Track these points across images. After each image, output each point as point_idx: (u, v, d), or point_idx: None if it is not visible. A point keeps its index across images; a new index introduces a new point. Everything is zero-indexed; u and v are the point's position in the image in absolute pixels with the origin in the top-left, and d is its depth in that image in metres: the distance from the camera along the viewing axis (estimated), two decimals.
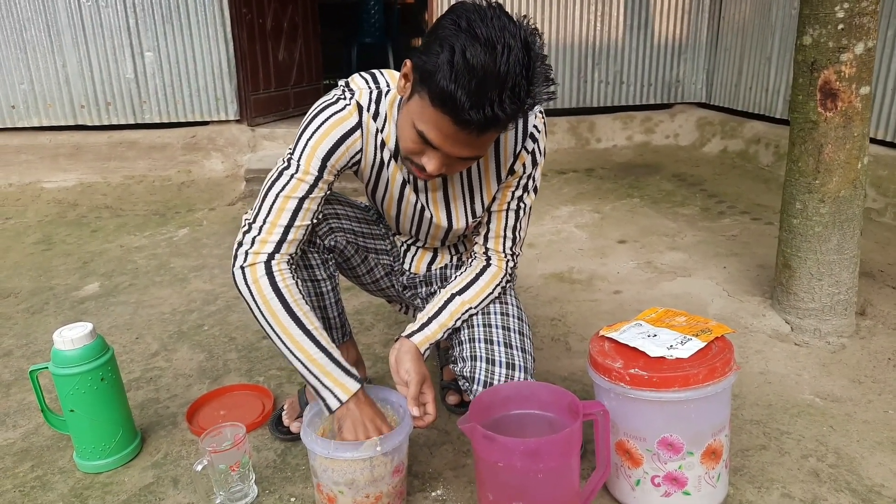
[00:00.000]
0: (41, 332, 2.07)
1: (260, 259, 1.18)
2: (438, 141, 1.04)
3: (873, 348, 1.82)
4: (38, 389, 1.40)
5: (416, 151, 1.09)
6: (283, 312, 1.17)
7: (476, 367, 1.30)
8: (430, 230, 1.40)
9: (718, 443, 1.16)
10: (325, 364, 1.17)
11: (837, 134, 1.76)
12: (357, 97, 1.22)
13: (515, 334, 1.35)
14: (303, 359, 1.17)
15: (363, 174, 1.30)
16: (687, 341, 1.16)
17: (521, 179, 1.30)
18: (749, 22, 4.13)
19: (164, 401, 1.67)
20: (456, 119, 0.98)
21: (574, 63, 4.47)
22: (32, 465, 1.43)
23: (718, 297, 2.18)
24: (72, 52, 3.84)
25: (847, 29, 1.68)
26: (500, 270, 1.37)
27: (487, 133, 1.02)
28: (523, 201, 1.34)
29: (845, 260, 1.85)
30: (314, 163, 1.19)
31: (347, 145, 1.21)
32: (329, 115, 1.20)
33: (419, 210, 1.35)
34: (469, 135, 1.01)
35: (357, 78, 1.25)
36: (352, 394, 1.17)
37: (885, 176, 3.02)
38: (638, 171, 4.01)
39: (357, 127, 1.21)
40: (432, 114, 1.00)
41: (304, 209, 1.20)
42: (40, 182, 3.77)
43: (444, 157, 1.07)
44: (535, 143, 1.27)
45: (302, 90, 4.59)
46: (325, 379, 1.17)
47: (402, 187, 1.31)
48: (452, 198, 1.32)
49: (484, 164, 1.28)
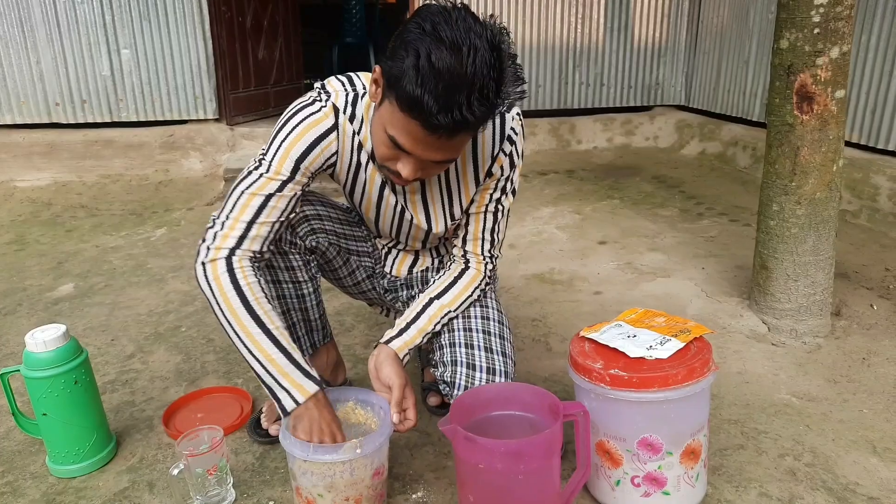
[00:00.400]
0: (13, 333, 2.02)
1: (221, 255, 1.15)
2: (410, 146, 1.03)
3: (848, 348, 1.85)
4: (9, 393, 1.37)
5: (389, 157, 1.09)
6: (243, 309, 1.14)
7: (456, 372, 1.30)
8: (411, 231, 1.40)
9: (697, 443, 1.17)
10: (284, 365, 1.14)
11: (813, 137, 1.79)
12: (333, 99, 1.20)
13: (496, 338, 1.35)
14: (261, 358, 1.14)
15: (339, 177, 1.29)
16: (666, 342, 1.17)
17: (500, 182, 1.30)
18: (727, 26, 4.18)
19: (139, 404, 1.64)
20: (425, 124, 0.97)
21: (555, 65, 4.49)
22: (3, 471, 1.39)
23: (697, 297, 2.20)
24: (46, 49, 3.76)
25: (823, 33, 1.71)
26: (479, 273, 1.36)
27: (458, 136, 1.01)
28: (501, 203, 1.33)
29: (821, 261, 1.88)
30: (287, 164, 1.17)
31: (322, 147, 1.20)
32: (304, 117, 1.19)
33: (399, 211, 1.34)
34: (440, 139, 1.00)
35: (333, 80, 1.24)
36: (310, 395, 1.14)
37: (860, 178, 3.07)
38: (618, 172, 4.04)
39: (333, 129, 1.20)
40: (402, 119, 1.00)
41: (271, 206, 1.18)
42: (13, 181, 3.69)
43: (417, 161, 1.06)
44: (512, 146, 1.26)
45: (282, 89, 4.55)
46: (283, 380, 1.14)
47: (382, 188, 1.30)
48: (431, 201, 1.32)
49: (462, 167, 1.27)
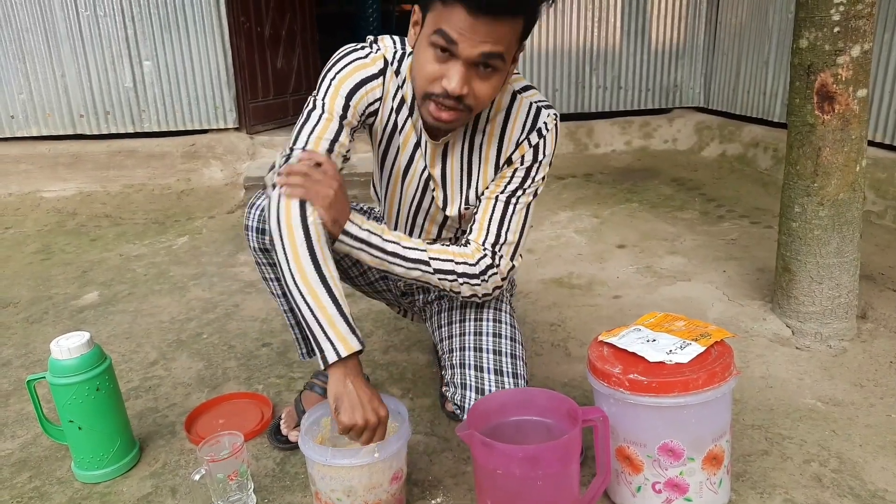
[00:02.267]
0: (40, 341, 2.06)
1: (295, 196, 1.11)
2: (456, 35, 1.03)
3: (875, 352, 1.81)
4: (35, 399, 1.40)
5: (435, 76, 1.08)
6: (305, 248, 1.08)
7: (465, 397, 1.30)
8: (430, 211, 1.36)
9: (719, 448, 1.15)
10: (334, 315, 1.08)
11: (835, 137, 1.76)
12: (383, 51, 1.24)
13: (507, 357, 1.32)
14: (311, 302, 1.08)
15: (376, 129, 1.29)
16: (686, 346, 1.16)
17: (518, 171, 1.26)
18: (746, 26, 4.14)
19: (162, 410, 1.66)
20: (469, 4, 0.99)
21: (572, 68, 4.48)
22: (30, 476, 1.42)
23: (718, 301, 2.17)
24: (70, 62, 3.85)
25: (843, 32, 1.68)
26: (472, 257, 1.25)
27: (502, 19, 1.02)
28: (516, 197, 1.26)
29: (845, 263, 1.85)
30: (338, 101, 1.19)
31: (368, 89, 1.22)
32: (354, 59, 1.23)
33: (424, 180, 1.31)
34: (485, 21, 1.01)
35: (386, 37, 1.28)
36: (353, 351, 1.08)
37: (885, 178, 3.01)
38: (636, 175, 4.01)
39: (380, 74, 1.23)
40: (446, 13, 1.02)
41: (335, 154, 1.18)
42: (39, 191, 3.77)
43: (464, 68, 1.06)
44: (540, 139, 1.24)
45: (301, 97, 4.60)
46: (330, 329, 1.07)
47: (412, 155, 1.29)
48: (451, 177, 1.31)
49: (486, 147, 1.27)
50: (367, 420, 1.08)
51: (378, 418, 1.10)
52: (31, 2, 3.73)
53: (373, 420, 1.09)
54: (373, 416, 1.09)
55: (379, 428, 1.11)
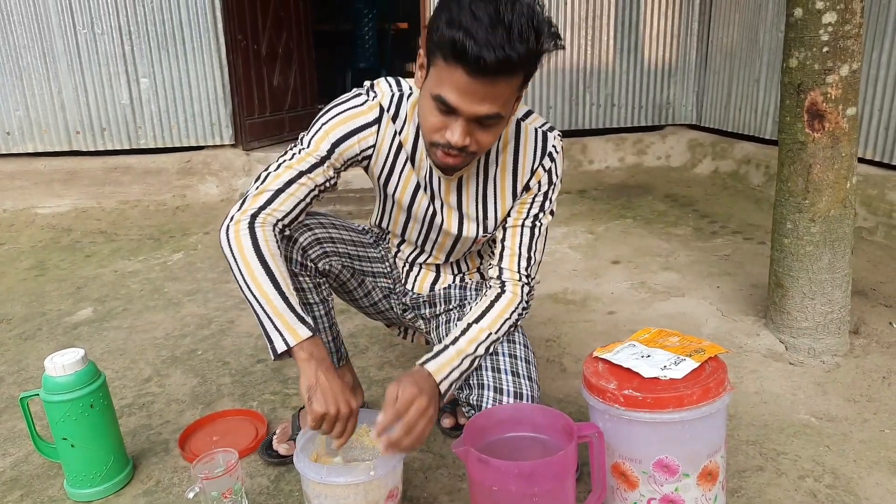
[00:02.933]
0: (33, 358, 2.05)
1: (245, 216, 1.19)
2: (456, 99, 1.04)
3: (868, 367, 1.82)
4: (28, 417, 1.39)
5: (438, 127, 1.10)
6: (252, 252, 1.15)
7: (483, 396, 1.30)
8: (438, 238, 1.40)
9: (714, 464, 1.16)
10: (279, 306, 1.14)
11: (825, 154, 1.78)
12: (380, 98, 1.26)
13: (522, 362, 1.34)
14: (259, 297, 1.14)
15: (373, 171, 1.32)
16: (680, 362, 1.16)
17: (537, 197, 1.32)
18: (737, 45, 4.19)
19: (156, 427, 1.65)
20: (468, 66, 1.00)
21: (566, 86, 4.52)
22: (22, 495, 1.41)
23: (712, 316, 2.18)
24: (67, 79, 3.86)
25: (832, 52, 1.71)
26: (516, 297, 1.33)
27: (501, 81, 1.03)
28: (539, 220, 1.34)
29: (837, 279, 1.87)
30: (324, 144, 1.22)
31: (360, 137, 1.25)
32: (348, 108, 1.25)
33: (430, 215, 1.35)
34: (484, 83, 1.02)
35: (382, 82, 1.29)
36: (301, 340, 1.12)
37: (875, 195, 3.04)
38: (630, 191, 4.04)
39: (374, 123, 1.25)
40: (445, 72, 1.03)
41: (300, 183, 1.21)
42: (34, 208, 3.77)
43: (466, 123, 1.08)
44: (552, 163, 1.30)
45: (297, 114, 4.63)
46: (277, 320, 1.13)
47: (415, 193, 1.32)
48: (466, 205, 1.33)
49: (500, 177, 1.30)
50: (339, 409, 1.10)
51: (350, 409, 1.12)
52: (29, 19, 3.76)
53: (344, 410, 1.11)
54: (344, 407, 1.11)
55: (350, 419, 1.13)
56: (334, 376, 1.13)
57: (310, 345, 1.13)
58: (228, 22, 3.94)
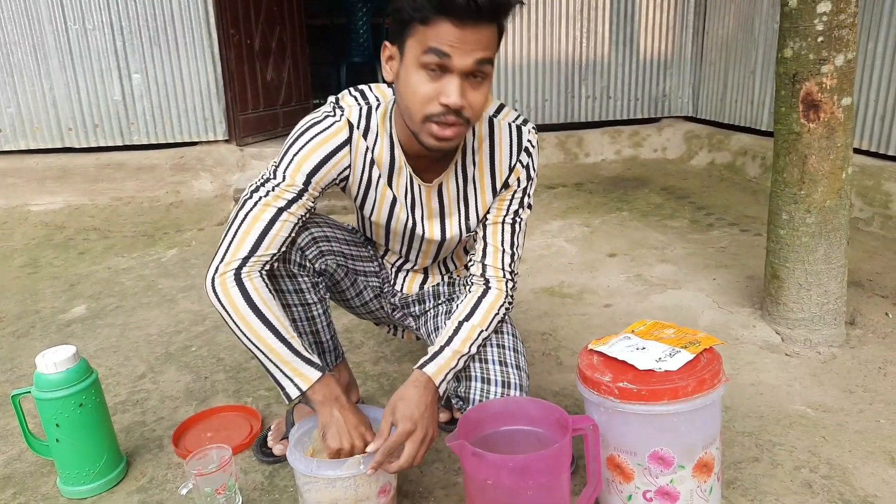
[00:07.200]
0: (26, 355, 2.04)
1: (230, 269, 1.17)
2: (449, 49, 1.04)
3: (864, 357, 1.82)
4: (20, 414, 1.38)
5: (430, 96, 1.08)
6: (247, 308, 1.16)
7: (471, 388, 1.30)
8: (422, 247, 1.40)
9: (710, 456, 1.15)
10: (285, 354, 1.17)
11: (821, 144, 1.78)
12: (347, 114, 1.22)
13: (510, 351, 1.34)
14: (264, 349, 1.17)
15: (350, 191, 1.30)
16: (675, 353, 1.16)
17: (516, 193, 1.32)
18: (732, 36, 4.18)
19: (150, 423, 1.64)
20: (456, 14, 1.01)
21: (561, 79, 4.51)
22: (15, 493, 1.40)
23: (709, 308, 2.18)
24: (59, 75, 3.83)
25: (826, 41, 1.70)
26: (501, 293, 1.33)
27: (484, 25, 1.04)
28: (519, 216, 1.34)
29: (833, 270, 1.86)
30: (298, 177, 1.19)
31: (334, 162, 1.22)
32: (317, 133, 1.21)
33: (410, 228, 1.35)
34: (473, 30, 1.03)
35: (347, 96, 1.26)
36: (312, 382, 1.17)
37: (871, 185, 3.04)
38: (627, 184, 4.03)
39: (345, 144, 1.22)
40: (431, 33, 1.03)
41: (282, 220, 1.19)
42: (27, 205, 3.74)
43: (460, 80, 1.06)
44: (529, 157, 1.30)
45: (291, 109, 4.60)
46: (285, 368, 1.17)
47: (392, 206, 1.31)
48: (448, 210, 1.33)
49: (479, 175, 1.30)
50: (354, 445, 1.16)
51: (364, 443, 1.16)
52: (20, 15, 3.72)
53: (359, 444, 1.16)
54: (359, 441, 1.16)
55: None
56: (349, 412, 1.19)
57: (321, 386, 1.18)
58: (221, 17, 3.91)
